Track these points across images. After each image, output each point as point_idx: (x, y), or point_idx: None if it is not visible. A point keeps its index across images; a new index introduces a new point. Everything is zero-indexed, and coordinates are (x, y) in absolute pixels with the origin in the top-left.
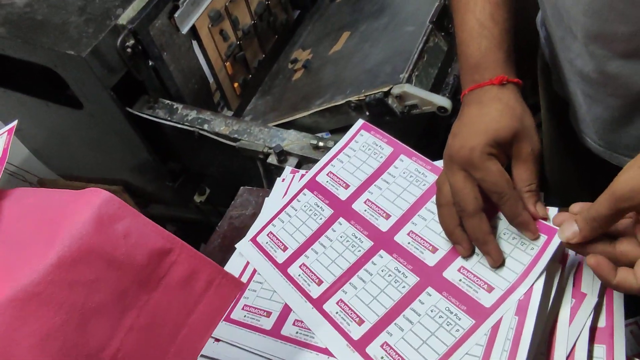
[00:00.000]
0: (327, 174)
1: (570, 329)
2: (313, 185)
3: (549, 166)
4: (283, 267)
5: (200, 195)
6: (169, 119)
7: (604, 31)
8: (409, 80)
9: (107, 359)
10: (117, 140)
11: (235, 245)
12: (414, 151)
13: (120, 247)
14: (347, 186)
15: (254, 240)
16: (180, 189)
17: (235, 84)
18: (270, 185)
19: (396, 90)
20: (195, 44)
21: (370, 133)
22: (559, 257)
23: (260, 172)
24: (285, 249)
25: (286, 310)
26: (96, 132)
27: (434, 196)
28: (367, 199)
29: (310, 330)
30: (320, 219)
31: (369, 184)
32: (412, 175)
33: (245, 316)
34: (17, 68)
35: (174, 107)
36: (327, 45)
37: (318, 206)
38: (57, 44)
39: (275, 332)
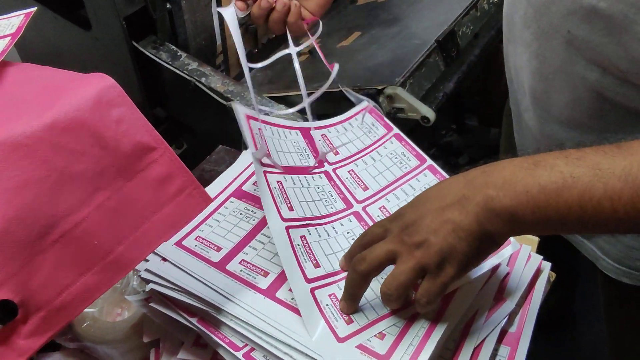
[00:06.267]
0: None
1: (485, 326)
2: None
3: None
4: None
5: (177, 148)
6: (170, 63)
7: (547, 94)
8: (402, 85)
9: (69, 226)
10: (112, 71)
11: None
12: (405, 136)
13: (111, 130)
14: (337, 153)
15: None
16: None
17: None
18: None
19: (389, 90)
20: (214, 2)
21: (371, 115)
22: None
23: (242, 136)
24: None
25: (236, 250)
26: (95, 57)
27: (411, 180)
28: (352, 169)
29: (253, 271)
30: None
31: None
32: (397, 157)
33: (196, 245)
34: None
35: (178, 53)
36: (337, 39)
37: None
38: None
39: (220, 266)
